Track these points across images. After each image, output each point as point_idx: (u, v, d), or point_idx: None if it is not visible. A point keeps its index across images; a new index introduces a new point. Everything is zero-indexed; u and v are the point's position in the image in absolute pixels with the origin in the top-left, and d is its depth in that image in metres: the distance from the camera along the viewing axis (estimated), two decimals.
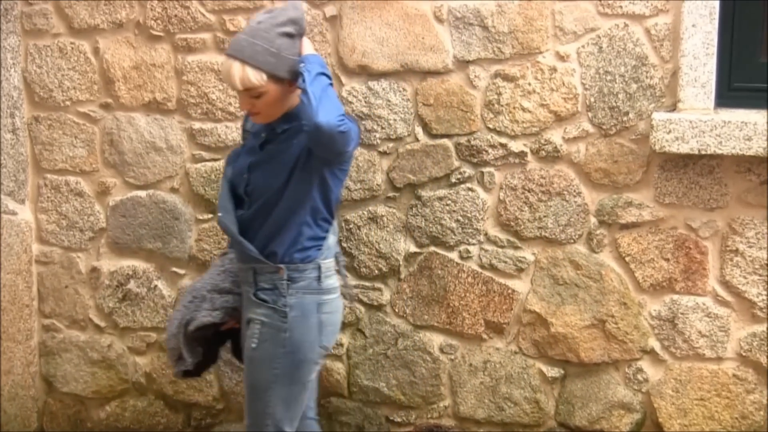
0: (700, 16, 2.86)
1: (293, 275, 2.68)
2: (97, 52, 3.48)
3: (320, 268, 2.71)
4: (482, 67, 3.09)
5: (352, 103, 3.21)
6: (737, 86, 2.96)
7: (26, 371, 3.68)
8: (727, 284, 2.98)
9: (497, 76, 3.08)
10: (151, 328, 3.57)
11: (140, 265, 3.56)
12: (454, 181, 3.18)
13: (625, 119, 2.99)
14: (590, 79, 3.01)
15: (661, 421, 3.09)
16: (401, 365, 3.30)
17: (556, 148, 3.07)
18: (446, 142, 3.17)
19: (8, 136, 3.57)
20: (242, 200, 2.73)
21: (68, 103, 3.54)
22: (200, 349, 2.86)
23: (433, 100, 3.15)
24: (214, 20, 3.33)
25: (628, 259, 3.06)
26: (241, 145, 2.95)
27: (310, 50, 2.67)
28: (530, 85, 3.05)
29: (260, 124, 2.74)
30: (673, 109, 2.94)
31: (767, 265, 2.92)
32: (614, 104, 3.00)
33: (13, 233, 3.60)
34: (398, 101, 3.18)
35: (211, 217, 3.41)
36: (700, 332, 3.02)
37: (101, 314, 3.62)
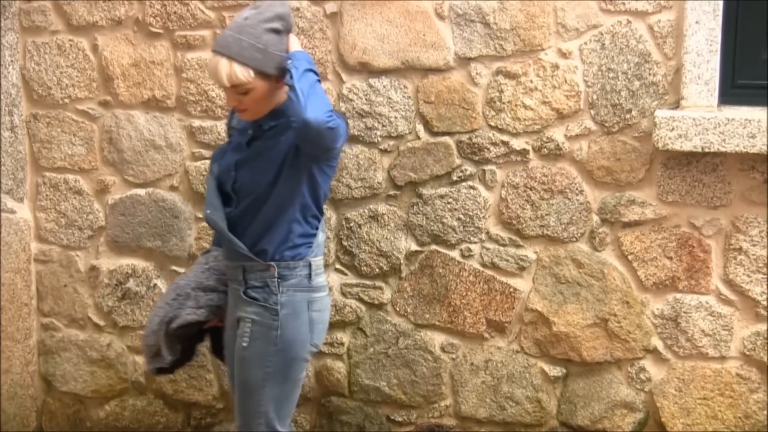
0: (703, 12, 2.85)
1: (284, 273, 2.67)
2: (95, 49, 3.47)
3: (311, 265, 2.71)
4: (484, 64, 3.08)
5: (352, 100, 3.19)
6: (741, 83, 2.96)
7: (25, 370, 3.67)
8: (730, 283, 2.97)
9: (499, 73, 3.07)
10: None
11: (139, 263, 3.54)
12: (455, 179, 3.16)
13: (627, 117, 2.98)
14: (593, 76, 2.99)
15: (663, 420, 3.08)
16: (402, 364, 3.29)
17: (558, 145, 3.05)
18: (447, 139, 3.15)
19: (7, 134, 3.55)
20: (229, 198, 2.71)
21: (67, 100, 3.52)
22: (179, 346, 2.84)
23: (434, 97, 3.13)
24: (213, 17, 3.31)
25: (630, 257, 3.04)
26: (226, 141, 2.93)
27: (297, 46, 2.65)
28: (532, 82, 3.04)
29: (247, 120, 2.72)
30: (676, 106, 2.92)
31: None
32: (617, 101, 2.98)
33: (11, 232, 3.59)
34: (399, 99, 3.16)
35: None
36: (703, 331, 3.00)
37: (100, 313, 3.61)
